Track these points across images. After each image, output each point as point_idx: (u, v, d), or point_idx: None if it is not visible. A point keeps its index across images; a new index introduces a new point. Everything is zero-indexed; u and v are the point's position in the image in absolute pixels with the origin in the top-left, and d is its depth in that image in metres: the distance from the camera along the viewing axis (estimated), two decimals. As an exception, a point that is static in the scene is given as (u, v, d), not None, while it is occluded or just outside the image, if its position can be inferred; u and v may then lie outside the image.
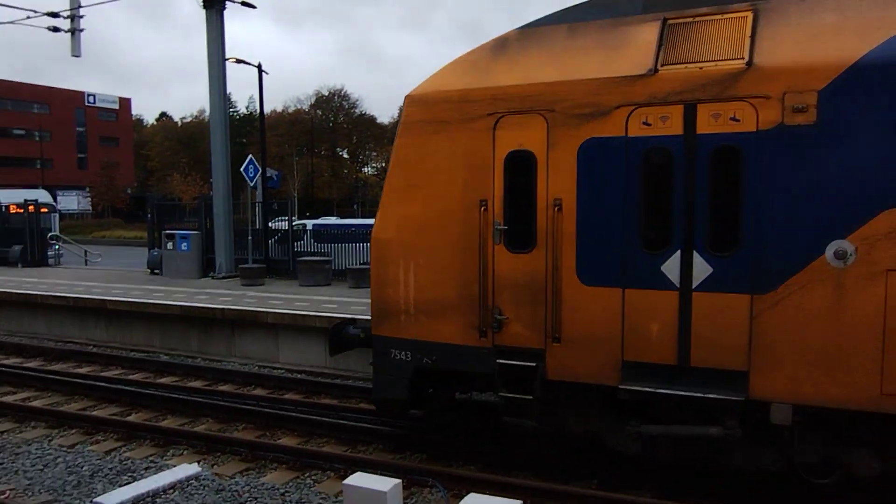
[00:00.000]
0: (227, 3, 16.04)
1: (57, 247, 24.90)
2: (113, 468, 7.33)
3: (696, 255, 5.81)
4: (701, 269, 5.80)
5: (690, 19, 6.18)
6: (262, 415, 8.78)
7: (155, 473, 7.09)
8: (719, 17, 6.09)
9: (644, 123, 5.98)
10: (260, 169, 18.35)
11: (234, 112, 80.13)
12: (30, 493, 6.73)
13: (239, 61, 22.24)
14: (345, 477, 6.41)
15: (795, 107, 5.46)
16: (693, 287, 5.81)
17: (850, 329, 5.30)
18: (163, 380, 10.99)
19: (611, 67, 6.16)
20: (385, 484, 5.65)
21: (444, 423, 7.85)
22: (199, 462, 7.42)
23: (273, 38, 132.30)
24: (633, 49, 6.19)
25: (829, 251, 5.38)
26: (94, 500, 6.42)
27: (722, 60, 5.79)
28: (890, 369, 5.16)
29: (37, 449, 7.96)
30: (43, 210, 24.83)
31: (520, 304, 6.49)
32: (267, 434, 8.40)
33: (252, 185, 18.33)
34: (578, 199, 6.22)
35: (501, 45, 7.00)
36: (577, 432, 6.74)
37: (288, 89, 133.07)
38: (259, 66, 22.10)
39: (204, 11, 15.97)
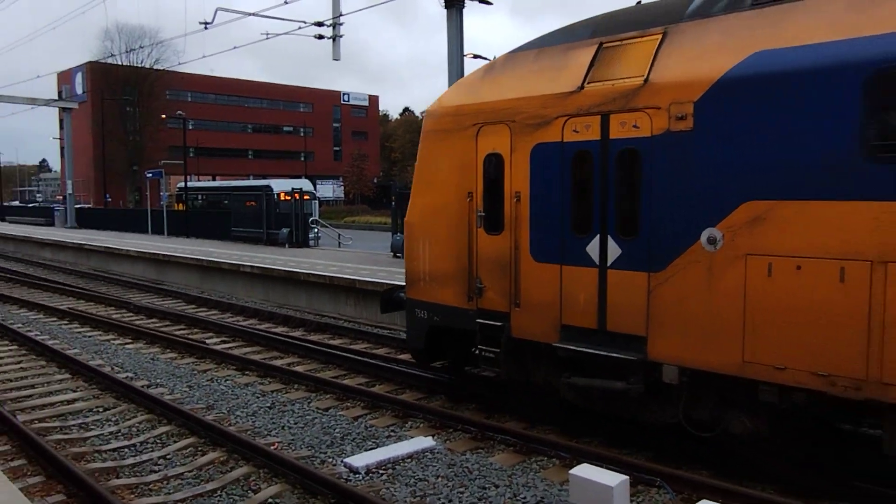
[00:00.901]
0: (466, 1, 16.70)
1: (316, 230, 28.01)
2: (360, 433, 8.10)
3: (609, 239, 7.06)
4: (614, 250, 7.02)
5: (619, 42, 7.30)
6: (487, 399, 9.10)
7: (395, 442, 7.70)
8: (638, 39, 7.14)
9: (574, 131, 7.27)
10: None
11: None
12: (293, 448, 7.69)
13: (476, 56, 23.04)
14: (569, 467, 6.43)
15: (678, 115, 6.47)
16: (608, 265, 7.06)
17: (718, 304, 6.24)
18: (402, 356, 11.88)
19: (554, 85, 7.53)
20: (612, 479, 5.54)
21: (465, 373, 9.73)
22: (433, 436, 7.90)
23: (509, 32, 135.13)
24: (571, 70, 7.49)
25: (703, 237, 6.34)
26: (345, 459, 7.15)
27: (628, 78, 6.92)
28: (749, 340, 6.06)
29: (298, 409, 9.07)
30: (306, 197, 28.14)
31: (493, 275, 8.06)
32: (494, 416, 8.68)
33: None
34: (531, 192, 7.64)
35: (489, 68, 8.74)
36: (538, 383, 8.07)
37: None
38: (494, 59, 22.67)
39: (445, 11, 16.79)
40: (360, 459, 7.09)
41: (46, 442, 7.57)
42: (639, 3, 8.03)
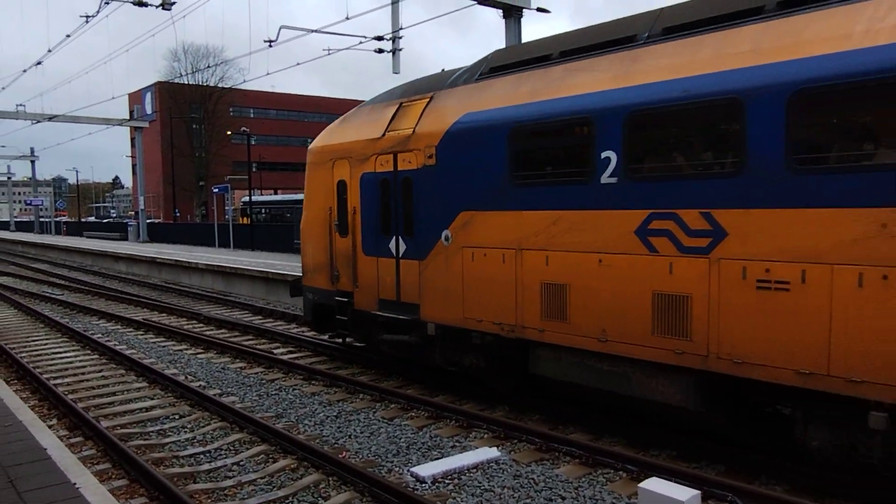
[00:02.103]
0: (524, 10, 16.75)
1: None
2: (425, 443, 8.19)
3: (400, 238, 10.08)
4: (402, 246, 10.06)
5: (410, 102, 10.33)
6: (551, 410, 9.08)
7: (460, 452, 7.76)
8: (418, 101, 10.15)
9: (380, 164, 10.33)
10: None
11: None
12: (360, 456, 7.85)
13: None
14: (637, 480, 6.37)
15: (428, 155, 9.44)
16: (400, 256, 10.11)
17: (450, 280, 9.22)
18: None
19: (371, 132, 10.67)
20: (683, 493, 5.47)
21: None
22: (498, 447, 7.93)
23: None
24: (380, 122, 10.61)
25: (443, 236, 9.30)
26: (411, 469, 7.25)
27: (407, 128, 9.93)
28: (465, 303, 9.05)
29: (364, 418, 9.23)
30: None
31: (344, 266, 11.22)
32: (559, 427, 8.65)
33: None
34: (361, 207, 10.78)
35: (343, 118, 12.03)
36: (374, 341, 10.97)
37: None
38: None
39: (503, 20, 16.89)
40: (427, 469, 7.18)
41: (128, 447, 7.94)
42: (443, 70, 10.95)
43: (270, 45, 17.41)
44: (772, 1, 6.60)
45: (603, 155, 7.41)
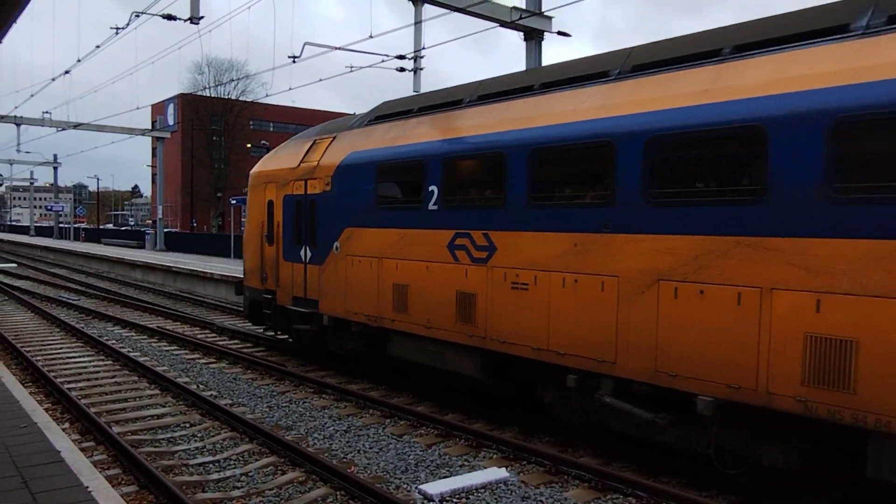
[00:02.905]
0: (545, 33, 16.92)
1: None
2: (433, 461, 8.18)
3: (307, 248, 12.41)
4: (309, 254, 12.40)
5: (319, 139, 12.85)
6: (560, 431, 9.03)
7: (468, 472, 7.75)
8: (325, 138, 12.68)
9: (296, 188, 12.73)
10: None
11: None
12: (368, 472, 7.85)
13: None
14: (648, 506, 6.31)
15: (326, 182, 11.91)
16: (307, 262, 12.45)
17: (339, 282, 11.55)
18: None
19: (291, 162, 13.21)
20: (692, 521, 5.43)
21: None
22: (506, 468, 7.90)
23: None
24: (298, 154, 13.14)
25: (334, 246, 11.67)
26: (419, 486, 7.24)
27: (315, 161, 12.38)
28: (348, 299, 11.36)
29: (373, 433, 9.24)
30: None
31: (270, 269, 13.62)
32: (569, 450, 8.61)
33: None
34: (283, 222, 13.20)
35: (277, 149, 14.72)
36: (289, 331, 13.53)
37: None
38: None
39: (524, 44, 17.08)
40: (435, 487, 7.17)
41: (139, 453, 7.99)
42: (354, 114, 13.52)
43: (294, 61, 17.67)
44: (538, 81, 9.18)
45: (430, 188, 9.85)
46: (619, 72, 8.06)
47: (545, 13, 17.17)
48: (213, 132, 70.18)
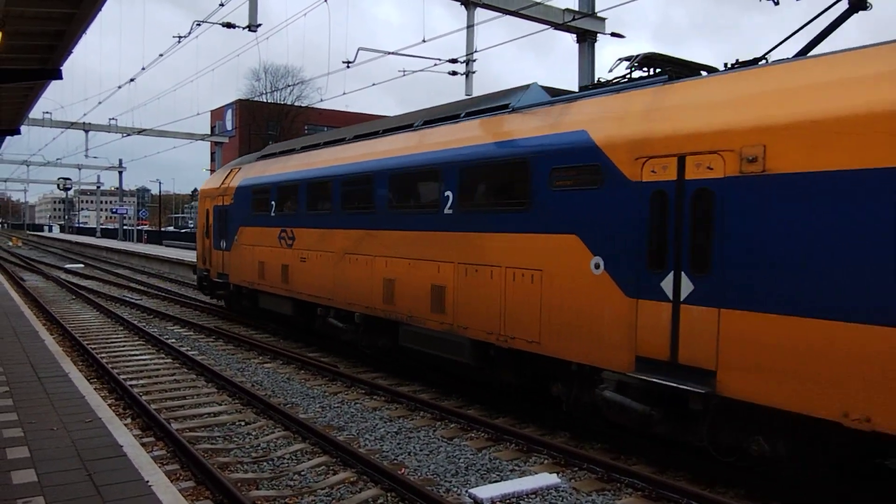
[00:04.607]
0: (598, 35, 16.71)
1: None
2: (484, 465, 8.14)
3: (223, 240, 18.76)
4: (224, 244, 18.79)
5: (236, 167, 19.28)
6: (616, 438, 8.87)
7: (519, 477, 7.68)
8: (235, 168, 19.26)
9: (218, 201, 19.16)
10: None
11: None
12: (419, 474, 7.86)
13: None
14: (704, 518, 6.13)
15: (231, 197, 18.30)
16: (223, 249, 18.90)
17: (242, 262, 17.58)
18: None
19: (217, 184, 19.79)
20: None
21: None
22: (558, 473, 7.80)
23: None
24: (221, 178, 19.81)
25: (235, 239, 17.99)
26: (470, 490, 7.21)
27: (227, 184, 18.85)
28: (241, 271, 17.62)
29: (424, 436, 9.25)
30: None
31: (207, 255, 20.11)
32: (622, 457, 8.44)
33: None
34: (213, 224, 19.54)
35: (213, 174, 23.58)
36: (217, 296, 20.49)
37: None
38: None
39: (577, 45, 16.90)
40: (485, 491, 7.13)
41: (196, 450, 8.20)
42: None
43: (348, 67, 17.91)
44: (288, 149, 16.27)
45: (271, 203, 16.14)
46: (382, 131, 13.12)
47: (598, 14, 16.95)
48: (269, 137, 71.68)
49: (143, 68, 22.44)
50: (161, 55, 20.68)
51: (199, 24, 17.65)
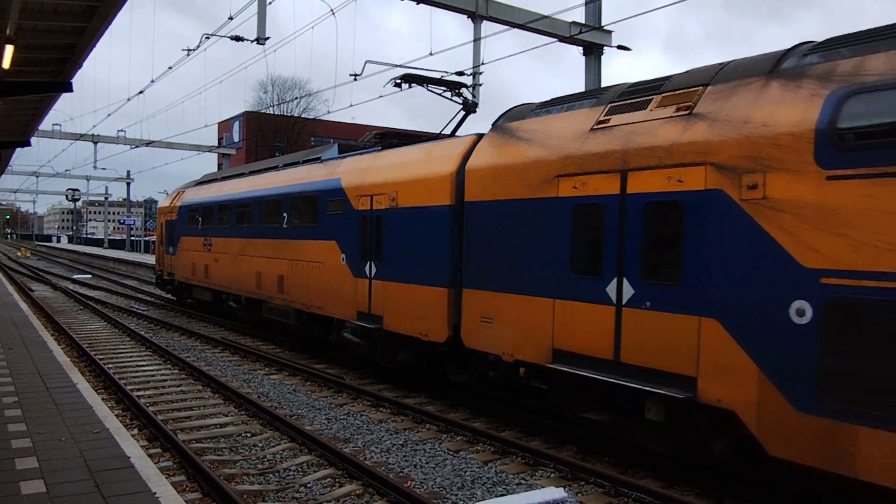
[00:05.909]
0: (604, 48, 16.79)
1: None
2: (490, 478, 8.12)
3: (171, 247, 25.01)
4: (171, 250, 25.09)
5: (182, 189, 25.64)
6: (622, 450, 8.84)
7: (525, 490, 7.65)
8: (181, 191, 25.65)
9: (167, 216, 26.07)
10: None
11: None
12: (425, 487, 7.84)
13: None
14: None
15: (176, 214, 24.78)
16: (171, 254, 25.05)
17: (187, 263, 23.39)
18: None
19: (167, 202, 27.05)
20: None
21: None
22: (564, 487, 7.77)
23: (662, 68, 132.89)
24: (171, 199, 26.65)
25: (178, 245, 24.37)
26: None
27: (174, 203, 25.38)
28: (182, 269, 24.09)
29: (430, 448, 9.24)
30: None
31: (162, 258, 26.45)
32: (629, 471, 8.41)
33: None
34: (164, 233, 26.32)
35: (168, 195, 29.44)
36: (168, 291, 26.54)
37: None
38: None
39: (583, 58, 16.99)
40: (491, 505, 7.10)
41: (203, 461, 8.20)
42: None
43: (355, 79, 18.01)
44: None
45: (199, 218, 21.96)
46: (264, 169, 18.93)
47: (605, 27, 17.04)
48: (276, 148, 72.06)
49: (153, 81, 22.64)
50: (170, 68, 20.86)
51: (207, 37, 17.81)
